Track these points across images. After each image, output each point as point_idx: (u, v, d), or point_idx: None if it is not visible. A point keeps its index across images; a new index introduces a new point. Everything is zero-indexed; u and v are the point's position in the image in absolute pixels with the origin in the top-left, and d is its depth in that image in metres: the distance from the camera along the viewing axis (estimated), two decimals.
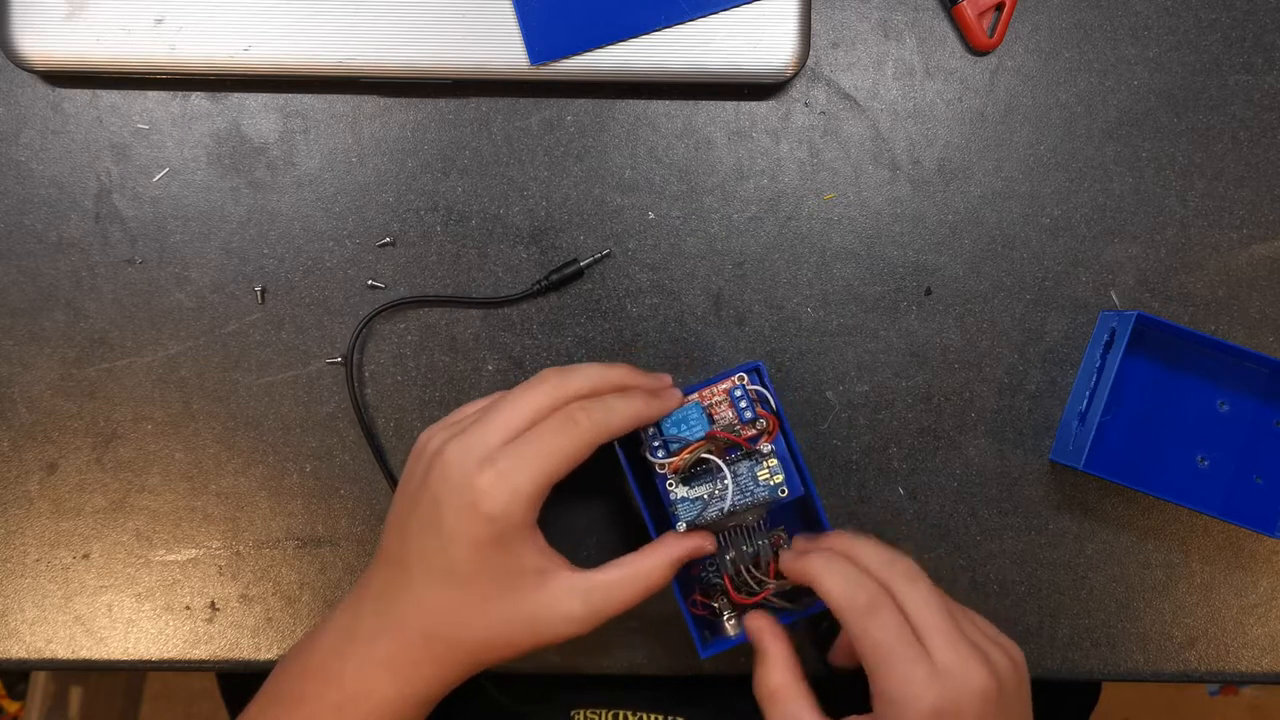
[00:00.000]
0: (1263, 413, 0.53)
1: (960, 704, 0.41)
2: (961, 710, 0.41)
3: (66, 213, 0.53)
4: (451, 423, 0.46)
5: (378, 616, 0.44)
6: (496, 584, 0.43)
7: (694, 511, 0.48)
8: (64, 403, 0.54)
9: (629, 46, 0.50)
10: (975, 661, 0.42)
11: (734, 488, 0.48)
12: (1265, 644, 0.54)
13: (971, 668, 0.41)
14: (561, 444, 0.43)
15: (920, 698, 0.41)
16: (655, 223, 0.54)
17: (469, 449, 0.43)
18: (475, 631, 0.43)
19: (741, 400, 0.48)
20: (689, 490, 0.48)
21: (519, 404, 0.44)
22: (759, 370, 0.48)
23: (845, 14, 0.54)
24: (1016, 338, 0.54)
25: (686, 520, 0.48)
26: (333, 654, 0.45)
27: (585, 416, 0.43)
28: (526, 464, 0.42)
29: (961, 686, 0.41)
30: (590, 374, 0.45)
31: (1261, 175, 0.54)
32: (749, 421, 0.48)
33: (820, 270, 0.54)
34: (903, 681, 0.41)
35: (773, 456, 0.49)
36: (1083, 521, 0.54)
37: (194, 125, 0.53)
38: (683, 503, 0.48)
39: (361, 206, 0.53)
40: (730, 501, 0.48)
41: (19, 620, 0.54)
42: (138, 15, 0.50)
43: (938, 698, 0.41)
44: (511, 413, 0.43)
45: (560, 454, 0.43)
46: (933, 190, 0.54)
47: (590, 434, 0.43)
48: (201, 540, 0.54)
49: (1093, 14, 0.54)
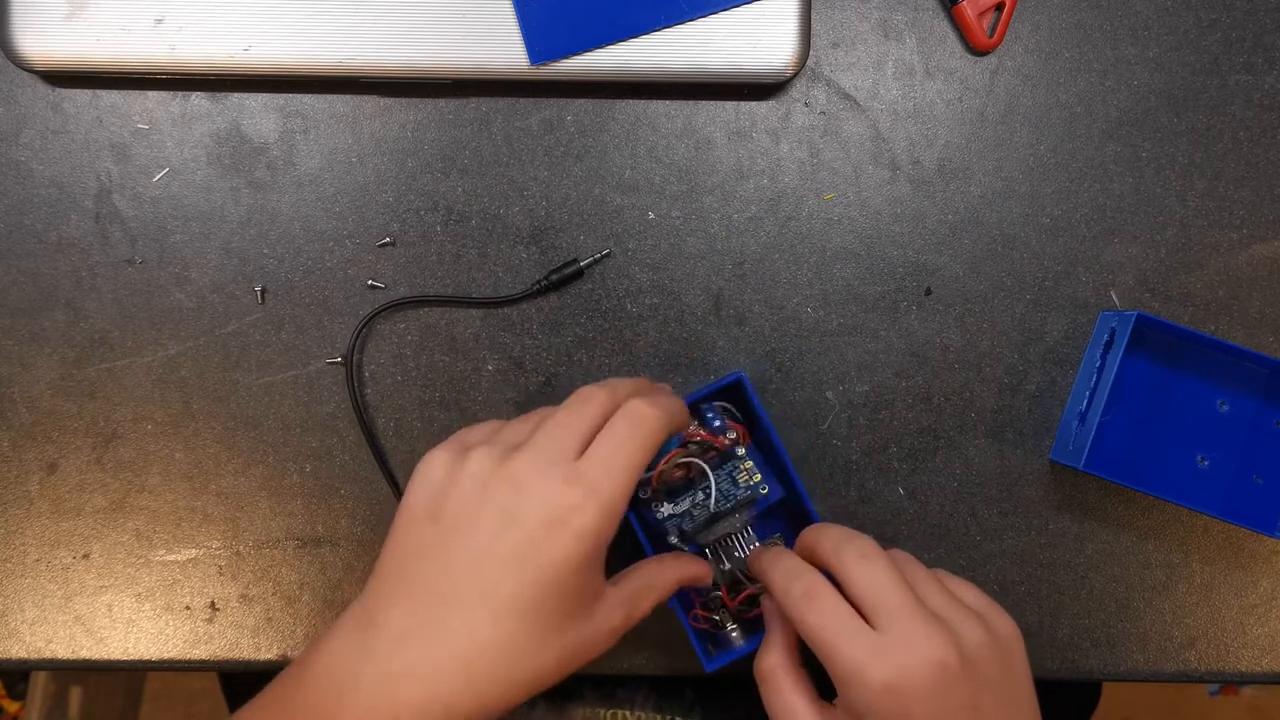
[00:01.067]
0: (1263, 413, 0.53)
1: (912, 676, 0.39)
2: (914, 683, 0.39)
3: (66, 213, 0.53)
4: (469, 444, 0.42)
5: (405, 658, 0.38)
6: (564, 611, 0.39)
7: (684, 523, 0.49)
8: (64, 403, 0.54)
9: (629, 46, 0.50)
10: (930, 631, 0.40)
11: (715, 483, 0.48)
12: (1265, 644, 0.54)
13: (922, 637, 0.39)
14: (639, 443, 0.40)
15: (864, 672, 0.39)
16: (655, 223, 0.54)
17: (549, 461, 0.39)
18: (529, 669, 0.39)
19: (709, 413, 0.50)
20: (674, 506, 0.49)
21: (578, 419, 0.41)
22: (741, 381, 0.49)
23: (845, 14, 0.54)
24: (1016, 338, 0.54)
25: (677, 531, 0.49)
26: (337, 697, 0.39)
27: (650, 410, 0.41)
28: (615, 472, 0.39)
29: (911, 657, 0.39)
30: (628, 384, 0.44)
31: (1261, 175, 0.54)
32: (720, 432, 0.49)
33: (820, 270, 0.54)
34: (846, 659, 0.39)
35: (748, 459, 0.49)
36: (1083, 521, 0.54)
37: (194, 125, 0.53)
38: (670, 519, 0.49)
39: (361, 206, 0.53)
40: (715, 496, 0.48)
41: (19, 620, 0.54)
42: (138, 15, 0.50)
43: (884, 671, 0.39)
44: (575, 429, 0.41)
45: (640, 454, 0.40)
46: (933, 190, 0.54)
47: (662, 425, 0.41)
48: (201, 540, 0.54)
49: (1093, 14, 0.54)
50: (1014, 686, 0.42)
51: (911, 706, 0.39)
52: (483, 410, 0.54)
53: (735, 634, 0.50)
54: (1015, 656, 0.43)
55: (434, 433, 0.54)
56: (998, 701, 0.41)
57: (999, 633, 0.42)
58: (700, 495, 0.49)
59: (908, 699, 0.39)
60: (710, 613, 0.49)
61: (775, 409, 0.54)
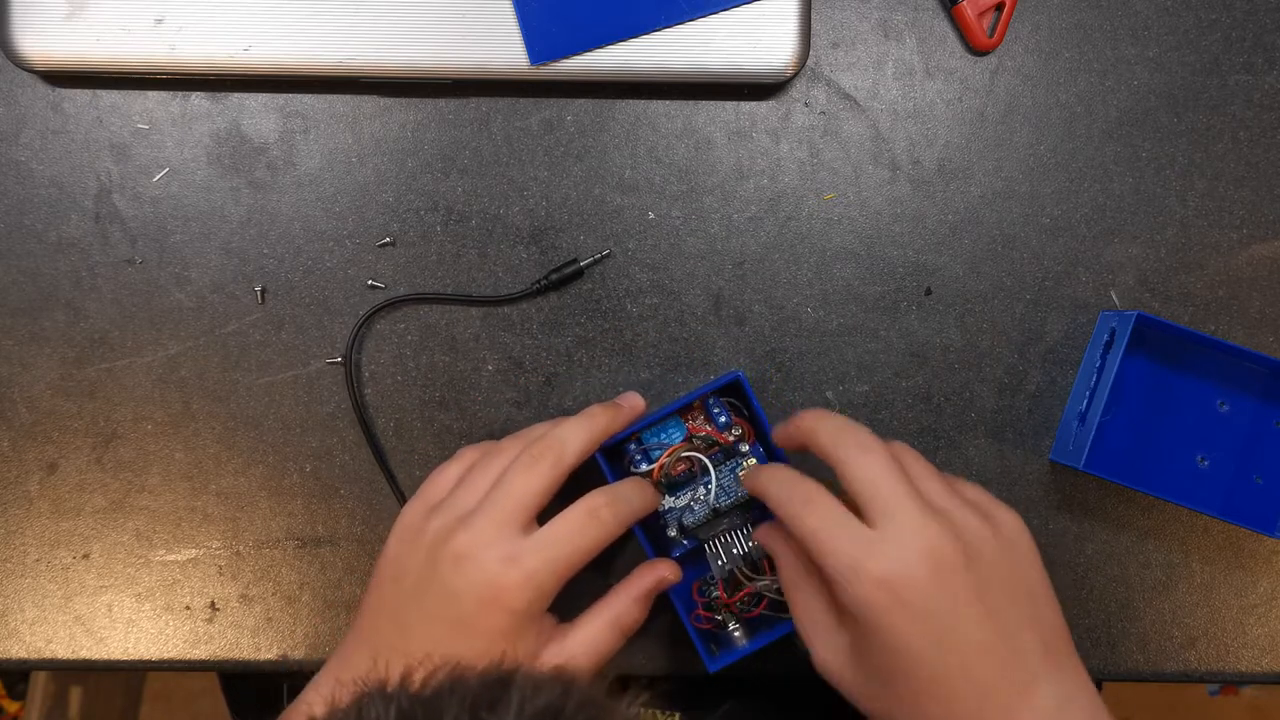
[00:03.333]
0: (1263, 413, 0.53)
1: (908, 569, 0.38)
2: (911, 575, 0.38)
3: (66, 213, 0.53)
4: (435, 501, 0.46)
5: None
6: None
7: (685, 517, 0.49)
8: (64, 403, 0.54)
9: (629, 46, 0.50)
10: (925, 523, 0.39)
11: (715, 479, 0.49)
12: (1265, 644, 0.54)
13: (918, 529, 0.39)
14: (587, 542, 0.44)
15: (858, 567, 0.39)
16: (655, 223, 0.54)
17: (485, 544, 0.42)
18: None
19: (716, 409, 0.50)
20: (675, 499, 0.49)
21: (521, 488, 0.44)
22: (739, 380, 0.49)
23: (845, 14, 0.54)
24: (1016, 338, 0.54)
25: (676, 525, 0.49)
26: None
27: (610, 513, 0.44)
28: (553, 564, 0.43)
29: (906, 549, 0.39)
30: (580, 440, 0.45)
31: (1261, 175, 0.54)
32: (725, 429, 0.49)
33: (820, 270, 0.54)
34: (841, 556, 0.39)
35: (751, 456, 0.49)
36: (1083, 521, 0.54)
37: (194, 125, 0.53)
38: (669, 512, 0.49)
39: (361, 206, 0.53)
40: (715, 491, 0.49)
41: (19, 620, 0.54)
42: (138, 15, 0.50)
43: (879, 566, 0.39)
44: (517, 499, 0.43)
45: (585, 551, 0.44)
46: (933, 190, 0.54)
47: (614, 528, 0.44)
48: (201, 540, 0.54)
49: (1093, 14, 0.54)
50: (1021, 578, 0.41)
51: (909, 599, 0.38)
52: (483, 410, 0.54)
53: (738, 633, 0.50)
54: (1021, 548, 0.42)
55: (434, 433, 0.54)
56: (1005, 593, 0.40)
57: (1002, 524, 0.42)
58: (702, 490, 0.49)
59: (905, 592, 0.38)
60: (712, 613, 0.49)
61: (775, 409, 0.54)
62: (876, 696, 0.41)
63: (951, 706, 0.39)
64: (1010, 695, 0.39)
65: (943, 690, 0.39)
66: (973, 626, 0.39)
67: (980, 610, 0.39)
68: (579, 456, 0.45)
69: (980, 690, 0.39)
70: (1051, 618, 0.42)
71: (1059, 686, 0.40)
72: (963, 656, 0.39)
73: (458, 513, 0.44)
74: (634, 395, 0.50)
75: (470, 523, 0.43)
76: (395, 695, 0.28)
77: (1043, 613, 0.41)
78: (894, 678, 0.40)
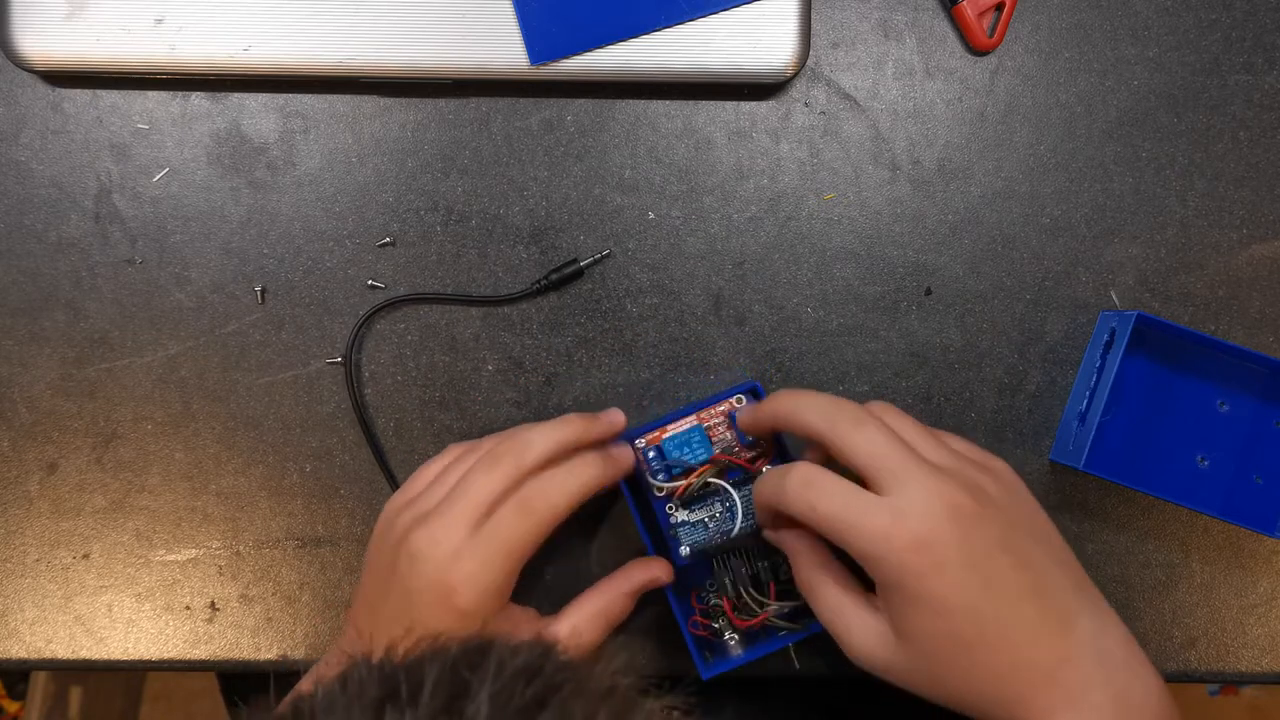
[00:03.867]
0: (1263, 413, 0.53)
1: (937, 527, 0.39)
2: (941, 533, 0.39)
3: (66, 213, 0.53)
4: (412, 496, 0.46)
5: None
6: None
7: (696, 535, 0.49)
8: (64, 403, 0.54)
9: (629, 46, 0.50)
10: (937, 481, 0.40)
11: (741, 518, 0.48)
12: (1265, 644, 0.54)
13: (933, 489, 0.40)
14: (521, 533, 0.43)
15: (890, 539, 0.39)
16: (655, 223, 0.54)
17: (436, 542, 0.43)
18: None
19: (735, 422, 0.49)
20: (689, 514, 0.49)
21: (478, 489, 0.44)
22: (755, 390, 0.49)
23: (845, 14, 0.54)
24: (1016, 338, 0.54)
25: (690, 544, 0.49)
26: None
27: (541, 500, 0.44)
28: (493, 558, 0.43)
29: (929, 509, 0.39)
30: (544, 443, 0.45)
31: (1261, 175, 0.54)
32: (748, 444, 0.49)
33: (820, 270, 0.54)
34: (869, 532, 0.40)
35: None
36: (1083, 521, 0.54)
37: (194, 125, 0.53)
38: (683, 526, 0.49)
39: (361, 206, 0.53)
40: (739, 527, 0.48)
41: (19, 620, 0.54)
42: (138, 15, 0.50)
43: (909, 531, 0.39)
44: (472, 499, 0.44)
45: (522, 542, 0.43)
46: (933, 190, 0.54)
47: (548, 517, 0.44)
48: (201, 540, 0.54)
49: (1093, 14, 0.54)
50: (1034, 520, 0.43)
51: (945, 556, 0.39)
52: (483, 410, 0.54)
53: (734, 643, 0.49)
54: (1022, 492, 0.44)
55: (434, 433, 0.54)
56: (1027, 536, 0.42)
57: (999, 472, 0.43)
58: (719, 508, 0.49)
59: (939, 550, 0.39)
60: (709, 620, 0.49)
61: None
62: (925, 669, 0.41)
63: (1002, 656, 0.40)
64: (1056, 634, 0.40)
65: (991, 642, 0.40)
66: (1009, 571, 0.40)
67: (1011, 555, 0.40)
68: (541, 458, 0.45)
69: (1029, 634, 0.40)
70: (1068, 555, 0.43)
71: (1094, 620, 0.41)
72: (1006, 603, 0.40)
73: (421, 510, 0.45)
74: (616, 412, 0.49)
75: (427, 521, 0.44)
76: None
77: (1061, 551, 0.43)
78: (941, 642, 0.40)
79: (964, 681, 0.40)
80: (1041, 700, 0.39)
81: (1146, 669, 0.41)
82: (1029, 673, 0.40)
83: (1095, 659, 0.40)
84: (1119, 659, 0.41)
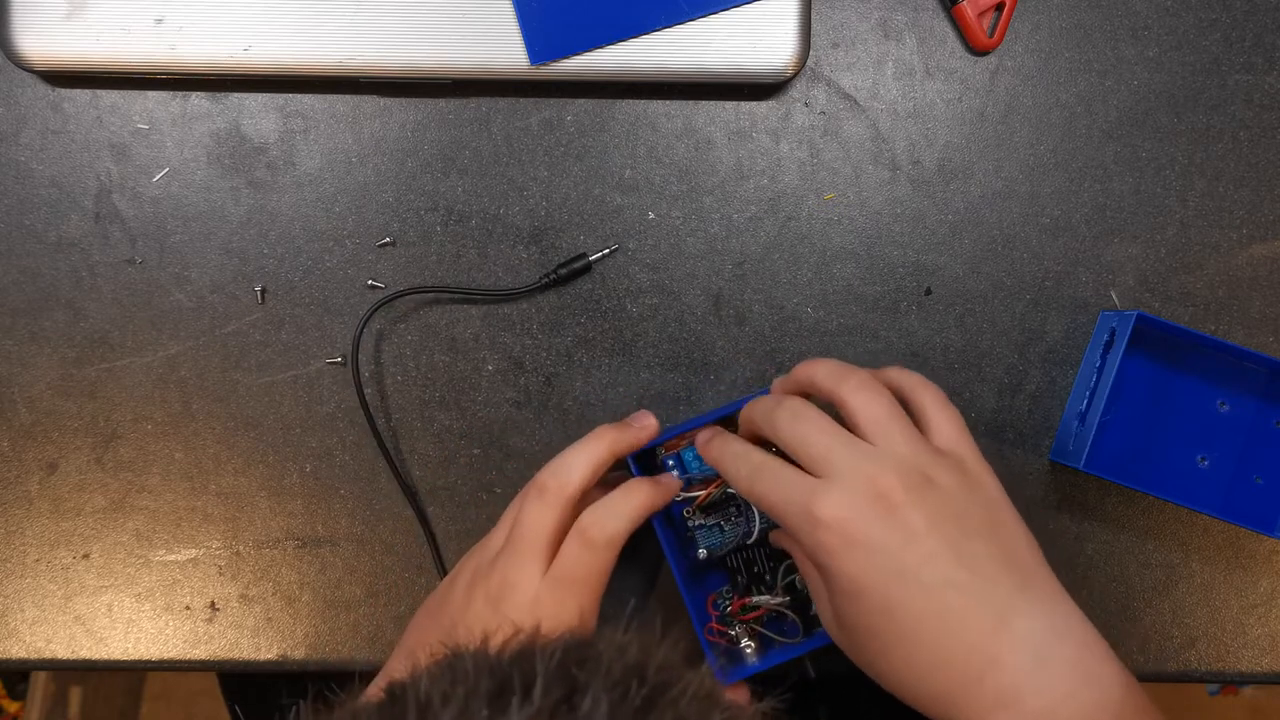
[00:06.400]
0: (1263, 413, 0.53)
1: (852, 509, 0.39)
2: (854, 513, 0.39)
3: (66, 213, 0.53)
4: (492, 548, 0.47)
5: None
6: None
7: (712, 539, 0.49)
8: (64, 403, 0.54)
9: (629, 46, 0.50)
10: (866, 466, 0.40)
11: (759, 521, 0.49)
12: (1265, 644, 0.54)
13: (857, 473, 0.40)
14: (588, 568, 0.44)
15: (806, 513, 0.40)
16: (655, 223, 0.54)
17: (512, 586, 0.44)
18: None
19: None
20: (705, 517, 0.49)
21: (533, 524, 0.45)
22: None
23: (845, 14, 0.54)
24: (1016, 338, 0.54)
25: (707, 548, 0.49)
26: None
27: (599, 532, 0.44)
28: (569, 599, 0.44)
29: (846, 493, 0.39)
30: (584, 466, 0.45)
31: (1261, 175, 0.54)
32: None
33: (820, 270, 0.54)
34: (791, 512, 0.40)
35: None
36: (1082, 521, 0.54)
37: (194, 125, 0.53)
38: (700, 529, 0.49)
39: (361, 206, 0.53)
40: (756, 533, 0.49)
41: (19, 620, 0.54)
42: (138, 15, 0.50)
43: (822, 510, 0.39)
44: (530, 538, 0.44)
45: (591, 577, 0.44)
46: (933, 190, 0.54)
47: (610, 548, 0.44)
48: (201, 540, 0.54)
49: (1093, 14, 0.54)
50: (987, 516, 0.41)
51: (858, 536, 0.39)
52: (483, 410, 0.54)
53: (749, 650, 0.49)
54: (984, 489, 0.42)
55: (434, 433, 0.54)
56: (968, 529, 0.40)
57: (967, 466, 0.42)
58: (734, 512, 0.49)
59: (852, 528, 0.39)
60: (726, 626, 0.49)
61: None
62: (862, 656, 0.41)
63: (923, 648, 0.39)
64: (985, 633, 0.38)
65: (908, 631, 0.39)
66: (931, 560, 0.39)
67: (937, 545, 0.39)
68: (585, 482, 0.45)
69: (950, 628, 0.38)
70: (1025, 555, 0.41)
71: (1040, 620, 0.39)
72: (923, 592, 0.39)
73: (490, 552, 0.46)
74: (647, 415, 0.49)
75: (498, 564, 0.45)
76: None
77: (1013, 549, 0.41)
78: (861, 627, 0.40)
79: (893, 672, 0.40)
80: (972, 701, 0.38)
81: (1107, 675, 0.39)
82: (953, 670, 0.38)
83: (1033, 662, 0.38)
84: (1067, 664, 0.38)
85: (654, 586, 0.54)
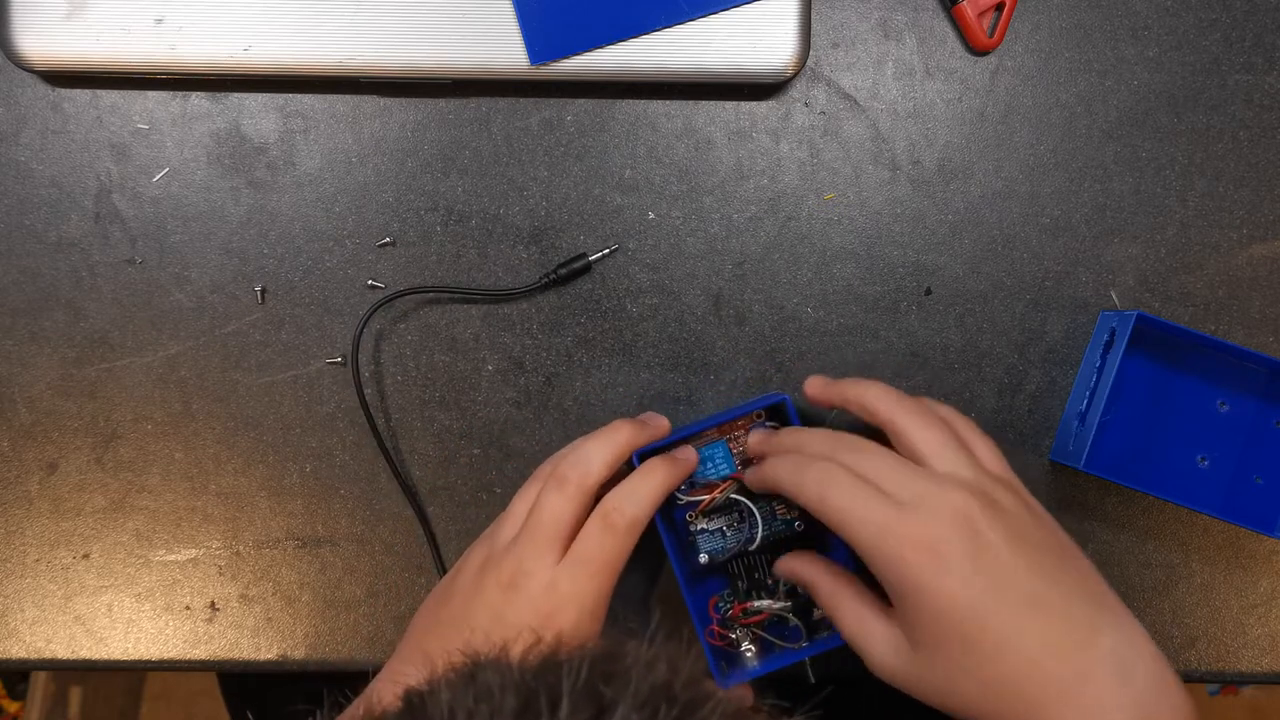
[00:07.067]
0: (1263, 413, 0.53)
1: (939, 529, 0.40)
2: (941, 533, 0.40)
3: (66, 213, 0.53)
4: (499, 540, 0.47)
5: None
6: None
7: (715, 544, 0.49)
8: (64, 403, 0.54)
9: (629, 46, 0.50)
10: (945, 488, 0.41)
11: (762, 527, 0.49)
12: (1265, 644, 0.54)
13: (937, 493, 0.40)
14: (609, 551, 0.44)
15: (890, 532, 0.40)
16: (655, 223, 0.54)
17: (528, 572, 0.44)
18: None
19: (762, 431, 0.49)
20: (708, 521, 0.49)
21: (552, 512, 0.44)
22: (785, 404, 0.49)
23: (845, 14, 0.54)
24: (1016, 338, 0.54)
25: (708, 553, 0.49)
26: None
27: (620, 516, 0.44)
28: (588, 581, 0.43)
29: (931, 512, 0.40)
30: (603, 457, 0.46)
31: (1261, 175, 0.54)
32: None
33: (820, 270, 0.54)
34: (868, 530, 0.40)
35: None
36: (1083, 521, 0.54)
37: (194, 125, 0.53)
38: (702, 534, 0.49)
39: (361, 206, 0.53)
40: (759, 541, 0.49)
41: (19, 620, 0.54)
42: (138, 15, 0.50)
43: (907, 529, 0.40)
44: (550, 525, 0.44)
45: (611, 559, 0.44)
46: (933, 190, 0.54)
47: (631, 531, 0.44)
48: (201, 540, 0.54)
49: (1093, 14, 0.54)
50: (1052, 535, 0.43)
51: (948, 556, 0.39)
52: (483, 410, 0.54)
53: (750, 654, 0.49)
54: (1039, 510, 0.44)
55: (434, 433, 0.54)
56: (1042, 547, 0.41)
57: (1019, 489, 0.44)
58: (737, 519, 0.49)
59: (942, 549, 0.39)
60: (727, 629, 0.49)
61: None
62: (939, 677, 0.40)
63: (1013, 665, 0.39)
64: (1074, 648, 0.39)
65: (1001, 648, 0.39)
66: (1020, 576, 0.39)
67: (1023, 562, 0.40)
68: (604, 473, 0.45)
69: (1042, 644, 0.39)
70: (1090, 571, 0.42)
71: (1119, 636, 0.40)
72: (1016, 609, 0.39)
73: (502, 541, 0.46)
74: (658, 416, 0.49)
75: (513, 550, 0.44)
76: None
77: (1080, 567, 0.42)
78: (950, 646, 0.39)
79: (977, 690, 0.39)
80: (1057, 717, 0.38)
81: (1176, 691, 0.40)
82: (1044, 686, 0.38)
83: (1119, 678, 0.39)
84: (1146, 679, 0.39)
85: (655, 586, 0.54)
